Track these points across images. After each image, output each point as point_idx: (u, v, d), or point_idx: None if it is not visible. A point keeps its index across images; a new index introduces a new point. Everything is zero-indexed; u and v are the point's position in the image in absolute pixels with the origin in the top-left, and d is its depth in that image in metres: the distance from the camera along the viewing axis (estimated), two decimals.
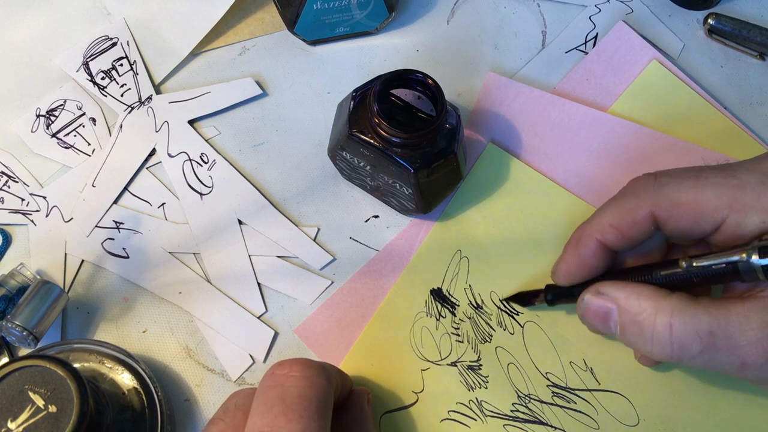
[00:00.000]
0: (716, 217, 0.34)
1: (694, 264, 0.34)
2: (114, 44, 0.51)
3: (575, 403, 0.41)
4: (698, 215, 0.34)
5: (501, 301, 0.43)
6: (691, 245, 0.39)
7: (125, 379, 0.40)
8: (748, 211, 0.33)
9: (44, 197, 0.47)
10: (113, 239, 0.46)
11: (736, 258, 0.33)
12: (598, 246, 0.37)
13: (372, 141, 0.40)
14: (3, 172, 0.48)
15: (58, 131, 0.49)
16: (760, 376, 0.33)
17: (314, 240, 0.46)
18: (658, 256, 0.39)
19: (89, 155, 0.48)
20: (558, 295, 0.40)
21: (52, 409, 0.32)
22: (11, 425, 0.32)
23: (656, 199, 0.35)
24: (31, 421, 0.32)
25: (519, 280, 0.44)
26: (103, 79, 0.50)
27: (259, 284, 0.45)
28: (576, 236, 0.38)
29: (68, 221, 0.47)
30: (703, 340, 0.32)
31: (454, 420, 0.41)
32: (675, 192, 0.35)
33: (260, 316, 0.44)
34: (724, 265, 0.33)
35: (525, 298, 0.43)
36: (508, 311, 0.43)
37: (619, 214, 0.37)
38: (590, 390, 0.41)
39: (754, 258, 0.32)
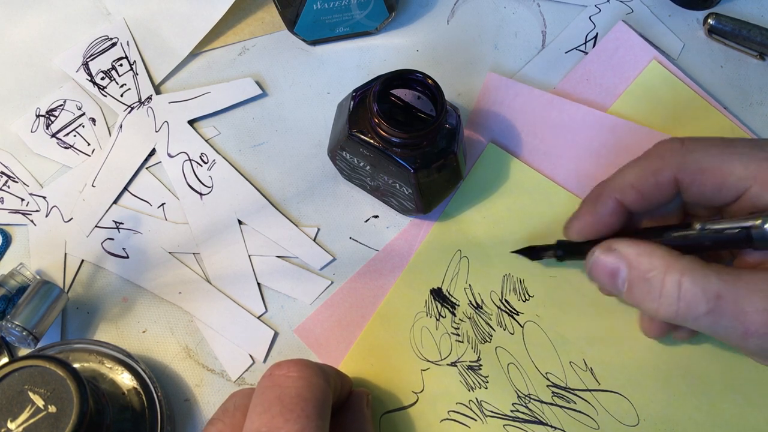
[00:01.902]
0: (739, 186, 0.34)
1: (708, 227, 0.34)
2: (114, 44, 0.51)
3: (575, 403, 0.41)
4: (722, 183, 0.35)
5: (514, 253, 0.43)
6: (707, 215, 0.38)
7: (125, 379, 0.40)
8: None
9: (44, 197, 0.47)
10: (113, 239, 0.46)
11: (750, 224, 0.33)
12: (616, 205, 0.37)
13: (372, 141, 0.40)
14: (3, 172, 0.48)
15: (58, 131, 0.49)
16: (762, 346, 0.33)
17: (314, 240, 0.46)
18: (672, 222, 0.39)
19: (89, 155, 0.49)
20: (568, 251, 0.40)
21: (52, 409, 0.32)
22: (11, 425, 0.32)
23: (682, 164, 0.35)
24: (31, 421, 0.32)
25: (519, 279, 0.44)
26: (103, 79, 0.50)
27: (259, 284, 0.45)
28: (595, 193, 0.38)
29: (68, 221, 0.47)
30: (710, 301, 0.32)
31: (454, 420, 0.41)
32: (702, 158, 0.35)
33: (260, 316, 0.44)
34: (737, 230, 0.33)
35: (535, 252, 0.42)
36: (508, 311, 0.43)
37: (642, 175, 0.37)
38: (590, 390, 0.41)
39: None
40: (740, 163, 0.34)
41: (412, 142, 0.39)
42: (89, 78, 0.50)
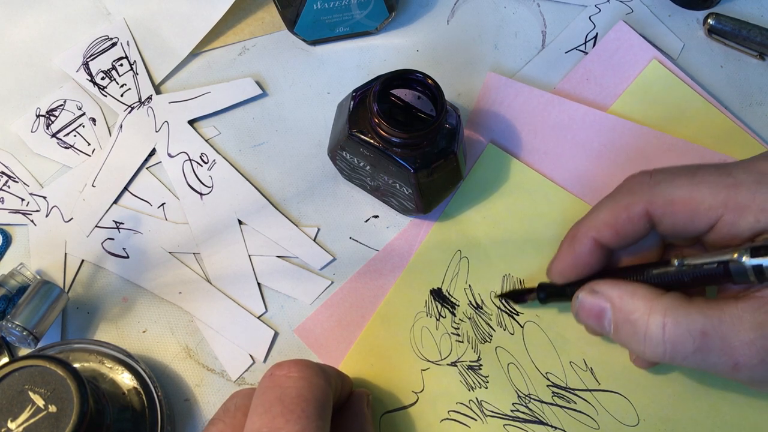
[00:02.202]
0: (711, 215, 0.34)
1: (686, 263, 0.34)
2: (114, 44, 0.51)
3: (575, 403, 0.41)
4: (693, 213, 0.34)
5: (498, 298, 0.43)
6: (687, 245, 0.39)
7: (125, 379, 0.40)
8: (743, 210, 0.33)
9: (44, 197, 0.47)
10: (113, 239, 0.46)
11: (727, 258, 0.33)
12: (594, 244, 0.37)
13: (372, 141, 0.40)
14: (3, 172, 0.48)
15: (58, 131, 0.49)
16: (753, 377, 0.33)
17: (314, 240, 0.46)
18: (653, 256, 0.39)
19: (89, 155, 0.49)
20: (550, 293, 0.41)
21: (52, 409, 0.32)
22: (11, 425, 0.32)
23: (651, 197, 0.35)
24: (31, 421, 0.32)
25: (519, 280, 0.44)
26: (103, 79, 0.50)
27: (259, 284, 0.45)
28: (571, 234, 0.38)
29: (68, 221, 0.47)
30: (696, 340, 0.32)
31: (454, 420, 0.41)
32: (670, 189, 0.35)
33: (260, 316, 0.44)
34: (715, 264, 0.33)
35: (517, 296, 0.43)
36: (508, 311, 0.43)
37: (614, 211, 0.36)
38: (590, 390, 0.41)
39: (746, 259, 0.32)
40: (709, 191, 0.34)
41: (412, 142, 0.39)
42: (89, 78, 0.50)
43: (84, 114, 0.50)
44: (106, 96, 0.50)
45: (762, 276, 0.32)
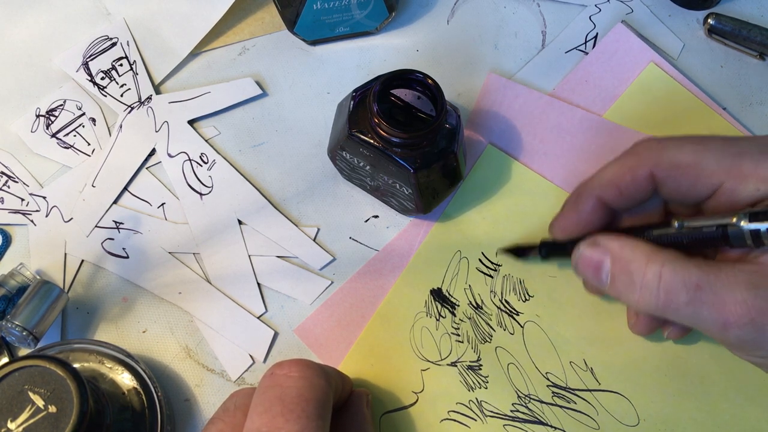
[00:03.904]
0: (713, 181, 0.35)
1: (686, 225, 0.35)
2: (114, 44, 0.51)
3: (575, 403, 0.41)
4: (696, 178, 0.35)
5: (500, 251, 0.44)
6: (688, 213, 0.39)
7: (125, 379, 0.40)
8: (744, 178, 0.34)
9: (44, 197, 0.47)
10: (113, 239, 0.46)
11: (726, 221, 0.33)
12: (597, 203, 0.38)
13: (372, 141, 0.40)
14: (3, 172, 0.48)
15: (58, 131, 0.49)
16: (742, 338, 0.32)
17: (314, 240, 0.46)
18: (654, 219, 0.39)
19: (89, 155, 0.49)
20: (552, 250, 0.41)
21: (52, 409, 0.32)
22: (11, 425, 0.32)
23: (657, 160, 0.36)
24: (31, 421, 0.32)
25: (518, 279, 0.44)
26: (103, 79, 0.50)
27: (259, 284, 0.45)
28: (576, 192, 0.39)
29: (68, 221, 0.47)
30: (690, 291, 0.33)
31: (454, 420, 0.41)
32: (676, 154, 0.36)
33: (260, 316, 0.44)
34: (714, 227, 0.34)
35: (520, 251, 0.43)
36: (508, 311, 0.43)
37: (620, 172, 0.37)
38: (590, 390, 0.41)
39: (744, 223, 0.32)
40: (713, 158, 0.35)
41: (412, 142, 0.39)
42: (89, 78, 0.50)
43: (84, 114, 0.50)
44: (106, 96, 0.50)
45: (759, 240, 0.32)
